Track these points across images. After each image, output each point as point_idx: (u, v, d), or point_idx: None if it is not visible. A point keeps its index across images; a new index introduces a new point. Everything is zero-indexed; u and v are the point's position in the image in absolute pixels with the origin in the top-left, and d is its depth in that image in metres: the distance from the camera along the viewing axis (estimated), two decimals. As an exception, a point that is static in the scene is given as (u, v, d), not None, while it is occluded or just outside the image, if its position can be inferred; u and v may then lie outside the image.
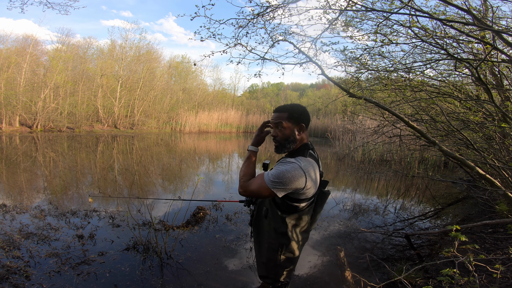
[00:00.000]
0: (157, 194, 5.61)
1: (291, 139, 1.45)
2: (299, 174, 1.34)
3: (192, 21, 3.57)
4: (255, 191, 1.40)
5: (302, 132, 1.46)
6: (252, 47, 4.03)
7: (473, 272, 1.74)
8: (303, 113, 1.46)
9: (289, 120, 1.44)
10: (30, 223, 3.72)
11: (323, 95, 31.83)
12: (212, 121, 23.97)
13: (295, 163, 1.36)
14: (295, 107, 1.47)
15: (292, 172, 1.33)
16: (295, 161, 1.38)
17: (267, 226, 1.53)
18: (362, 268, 2.99)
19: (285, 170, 1.34)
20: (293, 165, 1.35)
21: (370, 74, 4.67)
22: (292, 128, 1.44)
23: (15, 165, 7.47)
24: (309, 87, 47.02)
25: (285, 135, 1.45)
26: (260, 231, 1.60)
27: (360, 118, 10.43)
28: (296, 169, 1.34)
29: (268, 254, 1.53)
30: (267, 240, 1.53)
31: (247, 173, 1.47)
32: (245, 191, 1.42)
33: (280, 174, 1.34)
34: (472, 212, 4.97)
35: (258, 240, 1.62)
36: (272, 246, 1.51)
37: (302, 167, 1.36)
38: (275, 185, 1.35)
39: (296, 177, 1.33)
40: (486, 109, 3.70)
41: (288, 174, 1.33)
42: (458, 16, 3.15)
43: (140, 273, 2.71)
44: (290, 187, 1.35)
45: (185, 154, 11.62)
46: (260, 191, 1.38)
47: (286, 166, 1.36)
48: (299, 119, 1.45)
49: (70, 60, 18.64)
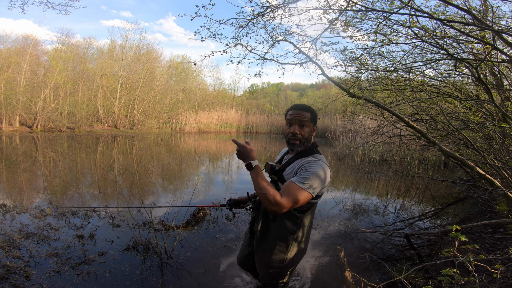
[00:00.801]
0: (157, 194, 5.61)
1: (309, 139, 1.50)
2: (328, 170, 1.42)
3: (192, 21, 3.57)
4: (295, 203, 1.34)
5: (314, 132, 1.55)
6: (252, 47, 4.04)
7: (473, 272, 1.74)
8: (316, 115, 1.56)
9: (311, 121, 1.50)
10: (30, 223, 3.72)
11: (323, 95, 31.85)
12: (212, 121, 23.97)
13: (319, 161, 1.43)
14: (313, 109, 1.54)
15: (323, 170, 1.39)
16: (317, 159, 1.44)
17: (276, 229, 1.48)
18: (362, 268, 2.99)
19: (317, 170, 1.38)
20: (320, 163, 1.41)
21: (370, 74, 4.67)
22: (311, 128, 1.51)
23: (15, 165, 7.47)
24: (309, 87, 47.03)
25: (307, 134, 1.49)
26: (266, 237, 1.53)
27: (360, 118, 10.43)
28: (323, 166, 1.41)
29: (275, 257, 1.49)
30: (275, 243, 1.49)
31: (272, 188, 1.35)
32: (285, 207, 1.32)
33: (316, 176, 1.36)
34: (472, 212, 4.97)
35: (262, 246, 1.54)
36: (281, 248, 1.48)
37: (326, 163, 1.45)
38: (315, 188, 1.36)
39: (328, 174, 1.41)
40: (486, 109, 3.70)
41: (321, 173, 1.38)
42: (458, 16, 3.15)
43: (140, 273, 2.71)
44: (325, 185, 1.41)
45: (185, 154, 11.63)
46: (300, 200, 1.34)
47: (315, 166, 1.39)
48: (316, 121, 1.54)
49: (70, 60, 18.64)
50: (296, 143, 1.49)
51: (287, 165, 1.53)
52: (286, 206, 1.31)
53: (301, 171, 1.40)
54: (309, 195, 1.35)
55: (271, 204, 1.30)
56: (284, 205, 1.31)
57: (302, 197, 1.34)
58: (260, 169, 1.39)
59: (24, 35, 17.70)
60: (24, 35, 17.66)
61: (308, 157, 1.46)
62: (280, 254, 1.48)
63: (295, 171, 1.44)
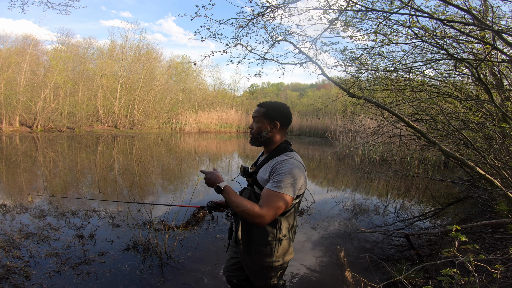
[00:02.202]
0: (157, 194, 5.62)
1: (263, 134, 1.49)
2: (300, 167, 1.37)
3: (192, 21, 3.57)
4: (277, 209, 1.30)
5: (275, 129, 1.49)
6: (252, 47, 4.04)
7: (473, 272, 1.74)
8: (280, 112, 1.49)
9: (265, 116, 1.49)
10: (30, 223, 3.72)
11: (323, 95, 31.87)
12: (212, 121, 23.98)
13: (290, 159, 1.39)
14: (274, 105, 1.51)
15: (295, 168, 1.35)
16: (288, 157, 1.40)
17: (257, 234, 1.43)
18: (362, 268, 2.99)
19: (289, 169, 1.33)
20: (291, 161, 1.37)
21: (370, 74, 4.67)
22: (266, 124, 1.49)
23: (15, 165, 7.47)
24: (309, 87, 47.03)
25: (259, 129, 1.50)
26: (249, 243, 1.46)
27: (360, 118, 10.44)
28: (295, 164, 1.36)
29: (261, 262, 1.45)
30: (258, 248, 1.44)
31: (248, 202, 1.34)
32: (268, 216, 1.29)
33: (289, 175, 1.32)
34: (472, 212, 4.96)
35: (247, 253, 1.48)
36: (265, 253, 1.43)
37: (298, 160, 1.40)
38: (293, 188, 1.32)
39: (301, 171, 1.37)
40: (486, 109, 3.70)
41: (294, 171, 1.34)
42: (458, 16, 3.15)
43: (140, 273, 2.71)
44: (302, 182, 1.37)
45: (185, 154, 11.63)
46: (281, 205, 1.30)
47: (287, 166, 1.35)
48: (274, 117, 1.48)
49: (70, 60, 18.66)
50: (251, 137, 1.54)
51: (261, 166, 1.50)
52: (268, 215, 1.28)
53: (273, 174, 1.36)
54: (289, 197, 1.32)
55: (253, 217, 1.28)
56: (265, 214, 1.28)
57: (283, 202, 1.30)
58: (230, 188, 1.38)
59: (24, 35, 17.75)
60: (24, 35, 17.71)
61: (279, 156, 1.43)
62: (266, 259, 1.44)
63: (268, 173, 1.40)
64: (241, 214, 1.32)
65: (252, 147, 16.52)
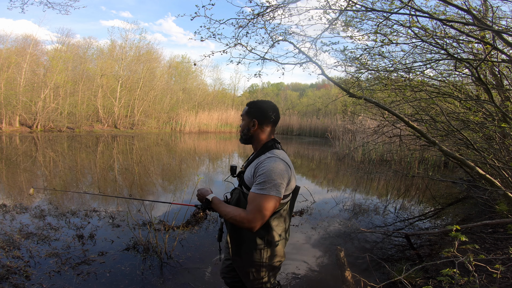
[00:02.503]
0: (157, 194, 5.62)
1: (245, 132, 1.51)
2: (282, 164, 1.33)
3: (192, 21, 3.58)
4: (264, 210, 1.26)
5: (254, 127, 1.48)
6: (252, 47, 4.04)
7: (473, 272, 1.74)
8: (259, 111, 1.49)
9: (247, 114, 1.52)
10: (30, 223, 3.72)
11: (323, 95, 31.86)
12: (212, 121, 23.99)
13: (272, 157, 1.35)
14: (256, 103, 1.52)
15: (278, 165, 1.31)
16: (271, 155, 1.37)
17: (245, 235, 1.41)
18: (362, 268, 2.99)
19: (271, 167, 1.29)
20: (273, 159, 1.34)
21: (370, 74, 4.67)
22: (248, 122, 1.50)
23: (15, 165, 7.47)
24: (309, 87, 47.01)
25: (242, 127, 1.53)
26: (238, 244, 1.45)
27: (360, 118, 10.44)
28: (276, 161, 1.33)
29: (251, 263, 1.42)
30: (247, 249, 1.41)
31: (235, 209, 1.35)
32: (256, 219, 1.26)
33: (272, 173, 1.28)
34: (472, 212, 4.96)
35: (237, 252, 1.47)
36: (254, 254, 1.40)
37: (281, 157, 1.37)
38: (278, 187, 1.28)
39: (284, 169, 1.32)
40: (486, 109, 3.70)
41: (276, 169, 1.29)
42: (458, 16, 3.15)
43: (140, 273, 2.71)
44: (287, 180, 1.33)
45: (185, 154, 11.63)
46: (268, 207, 1.27)
47: (268, 164, 1.31)
48: (253, 115, 1.49)
49: (70, 60, 18.66)
50: (240, 136, 1.58)
51: (248, 165, 1.49)
52: (255, 219, 1.25)
53: (256, 175, 1.33)
54: (274, 198, 1.27)
55: (242, 223, 1.28)
56: (252, 219, 1.26)
57: (269, 203, 1.26)
58: (217, 199, 1.42)
59: (24, 35, 17.76)
60: (24, 35, 17.72)
61: (263, 155, 1.40)
62: (256, 260, 1.41)
63: (252, 173, 1.38)
64: (232, 222, 1.32)
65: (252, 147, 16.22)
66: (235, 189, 1.55)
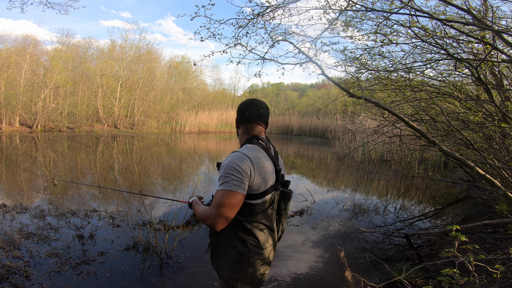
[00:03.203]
0: (157, 194, 5.62)
1: (237, 131, 1.53)
2: (243, 158, 1.23)
3: (192, 21, 3.58)
4: (222, 206, 1.18)
5: (238, 126, 1.50)
6: (252, 47, 4.04)
7: (473, 272, 1.74)
8: (237, 111, 1.49)
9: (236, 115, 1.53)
10: (30, 223, 3.72)
11: (323, 95, 31.86)
12: (212, 121, 23.99)
13: (233, 152, 1.30)
14: (240, 106, 1.49)
15: (236, 161, 1.22)
16: (237, 150, 1.31)
17: (223, 236, 1.32)
18: (362, 268, 2.99)
19: (228, 163, 1.23)
20: (233, 155, 1.27)
21: (370, 74, 4.67)
22: (236, 122, 1.51)
23: (15, 165, 7.47)
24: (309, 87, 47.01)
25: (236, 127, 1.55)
26: (220, 243, 1.35)
27: (360, 118, 10.44)
28: (235, 156, 1.24)
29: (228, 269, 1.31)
30: (225, 253, 1.32)
31: (202, 207, 1.35)
32: (215, 215, 1.19)
33: (228, 169, 1.21)
34: (472, 212, 4.97)
35: (217, 253, 1.38)
36: (231, 260, 1.29)
37: (244, 152, 1.26)
38: (235, 183, 1.18)
39: (243, 163, 1.21)
40: (486, 109, 3.70)
41: (233, 164, 1.21)
42: (458, 16, 3.15)
43: (140, 273, 2.71)
44: (243, 175, 1.20)
45: (185, 154, 11.63)
46: (226, 202, 1.18)
47: (226, 160, 1.27)
48: (237, 115, 1.49)
49: (70, 60, 18.67)
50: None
51: None
52: (213, 215, 1.19)
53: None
54: (232, 192, 1.17)
55: (205, 221, 1.24)
56: (210, 214, 1.21)
57: (225, 198, 1.17)
58: (196, 201, 1.43)
59: (24, 35, 17.76)
60: (24, 35, 17.72)
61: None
62: (233, 268, 1.29)
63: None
64: (201, 220, 1.31)
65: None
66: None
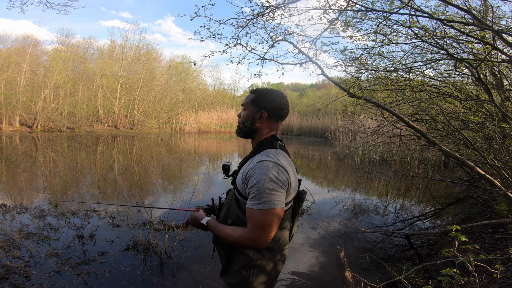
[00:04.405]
0: (157, 194, 5.61)
1: (247, 124, 1.26)
2: (278, 170, 1.10)
3: (191, 21, 3.59)
4: (267, 226, 1.09)
5: (261, 120, 1.24)
6: (252, 47, 4.04)
7: (473, 272, 1.74)
8: (270, 100, 1.24)
9: (253, 104, 1.26)
10: (30, 223, 3.72)
11: (323, 95, 31.85)
12: (212, 121, 23.99)
13: (263, 161, 1.11)
14: (265, 91, 1.26)
15: (270, 174, 1.08)
16: (263, 158, 1.13)
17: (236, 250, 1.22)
18: (362, 268, 2.99)
19: (262, 178, 1.07)
20: (265, 165, 1.10)
21: (370, 74, 4.67)
22: (253, 113, 1.25)
23: (15, 165, 7.47)
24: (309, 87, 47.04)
25: (244, 117, 1.28)
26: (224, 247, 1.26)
27: (360, 118, 10.43)
28: (269, 168, 1.09)
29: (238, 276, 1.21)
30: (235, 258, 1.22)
31: (233, 229, 1.17)
32: (259, 237, 1.10)
33: (262, 186, 1.06)
34: (472, 212, 4.96)
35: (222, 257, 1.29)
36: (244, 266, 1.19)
37: (276, 160, 1.12)
38: (277, 198, 1.08)
39: (279, 174, 1.10)
40: (486, 109, 3.70)
41: (271, 175, 1.07)
42: (458, 16, 3.15)
43: (140, 273, 2.71)
44: (282, 188, 1.10)
45: (185, 154, 11.63)
46: (272, 221, 1.09)
47: (261, 171, 1.08)
48: (261, 105, 1.24)
49: (70, 60, 18.67)
50: (237, 127, 1.33)
51: (242, 165, 1.27)
52: (259, 237, 1.09)
53: (248, 186, 1.11)
54: (277, 210, 1.08)
55: (245, 244, 1.13)
56: (255, 237, 1.09)
57: (272, 218, 1.08)
58: (212, 222, 1.26)
59: (24, 35, 17.76)
60: (24, 35, 17.72)
61: (257, 156, 1.18)
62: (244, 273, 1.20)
63: (243, 177, 1.16)
64: (234, 244, 1.16)
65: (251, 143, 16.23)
66: (229, 190, 1.38)
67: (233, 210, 1.25)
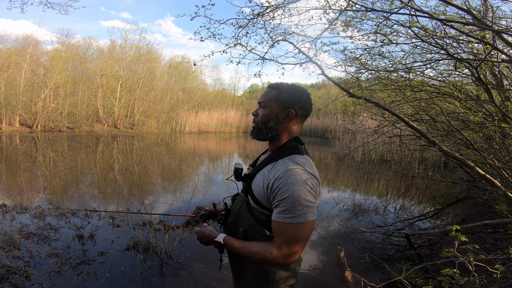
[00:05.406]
0: (157, 194, 5.61)
1: (270, 125, 1.10)
2: (309, 178, 1.00)
3: (191, 21, 3.58)
4: (302, 240, 1.01)
5: (288, 120, 1.11)
6: (252, 47, 4.04)
7: (473, 272, 1.74)
8: (298, 98, 1.11)
9: (276, 101, 1.10)
10: (30, 223, 3.72)
11: (323, 95, 31.85)
12: (212, 121, 23.98)
13: (294, 169, 1.00)
14: (290, 88, 1.12)
15: (303, 184, 0.97)
16: (292, 165, 1.02)
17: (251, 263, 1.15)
18: (362, 268, 2.99)
19: (297, 189, 0.96)
20: (297, 173, 0.99)
21: (370, 74, 4.67)
22: (277, 111, 1.10)
23: (15, 165, 7.47)
24: (309, 87, 47.02)
25: (265, 117, 1.11)
26: (239, 259, 1.18)
27: (360, 118, 10.44)
28: (302, 178, 0.98)
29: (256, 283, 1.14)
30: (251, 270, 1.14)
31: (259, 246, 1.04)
32: (292, 252, 1.01)
33: (298, 199, 0.96)
34: (472, 212, 4.96)
35: (237, 270, 1.21)
36: (260, 276, 1.12)
37: (306, 168, 1.02)
38: (311, 209, 0.99)
39: (312, 183, 1.00)
40: (486, 109, 3.70)
41: (302, 189, 0.97)
42: (458, 16, 3.15)
43: (140, 273, 2.71)
44: (316, 199, 1.02)
45: (185, 154, 11.62)
46: (306, 234, 1.00)
47: (291, 182, 0.97)
48: (288, 103, 1.10)
49: (70, 60, 18.67)
50: (252, 126, 1.16)
51: (259, 169, 1.12)
52: (294, 253, 1.01)
53: (277, 199, 0.99)
54: (310, 222, 1.00)
55: (276, 261, 1.02)
56: (289, 254, 1.01)
57: (305, 230, 0.99)
58: (230, 240, 1.08)
59: (24, 35, 17.75)
60: (24, 35, 17.70)
61: (281, 161, 1.06)
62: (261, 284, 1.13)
63: (265, 185, 1.04)
64: (260, 262, 1.06)
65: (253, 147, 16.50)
66: (237, 196, 1.26)
67: (244, 218, 1.14)
